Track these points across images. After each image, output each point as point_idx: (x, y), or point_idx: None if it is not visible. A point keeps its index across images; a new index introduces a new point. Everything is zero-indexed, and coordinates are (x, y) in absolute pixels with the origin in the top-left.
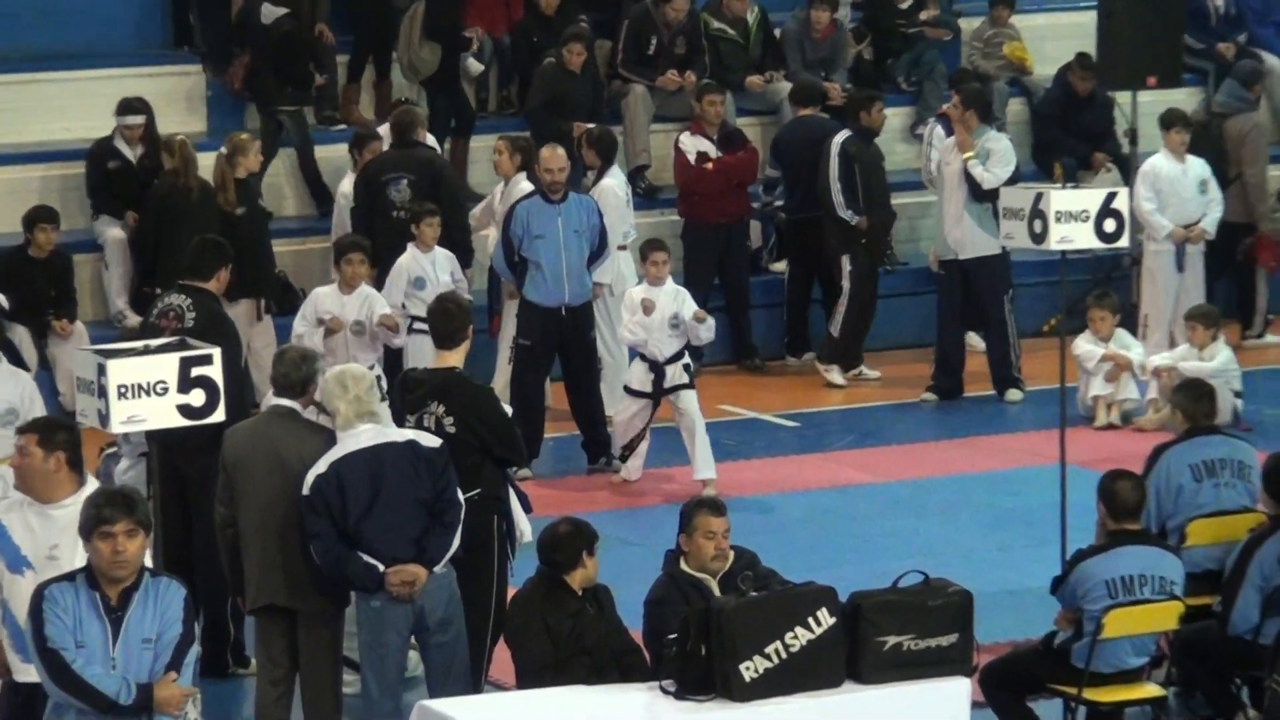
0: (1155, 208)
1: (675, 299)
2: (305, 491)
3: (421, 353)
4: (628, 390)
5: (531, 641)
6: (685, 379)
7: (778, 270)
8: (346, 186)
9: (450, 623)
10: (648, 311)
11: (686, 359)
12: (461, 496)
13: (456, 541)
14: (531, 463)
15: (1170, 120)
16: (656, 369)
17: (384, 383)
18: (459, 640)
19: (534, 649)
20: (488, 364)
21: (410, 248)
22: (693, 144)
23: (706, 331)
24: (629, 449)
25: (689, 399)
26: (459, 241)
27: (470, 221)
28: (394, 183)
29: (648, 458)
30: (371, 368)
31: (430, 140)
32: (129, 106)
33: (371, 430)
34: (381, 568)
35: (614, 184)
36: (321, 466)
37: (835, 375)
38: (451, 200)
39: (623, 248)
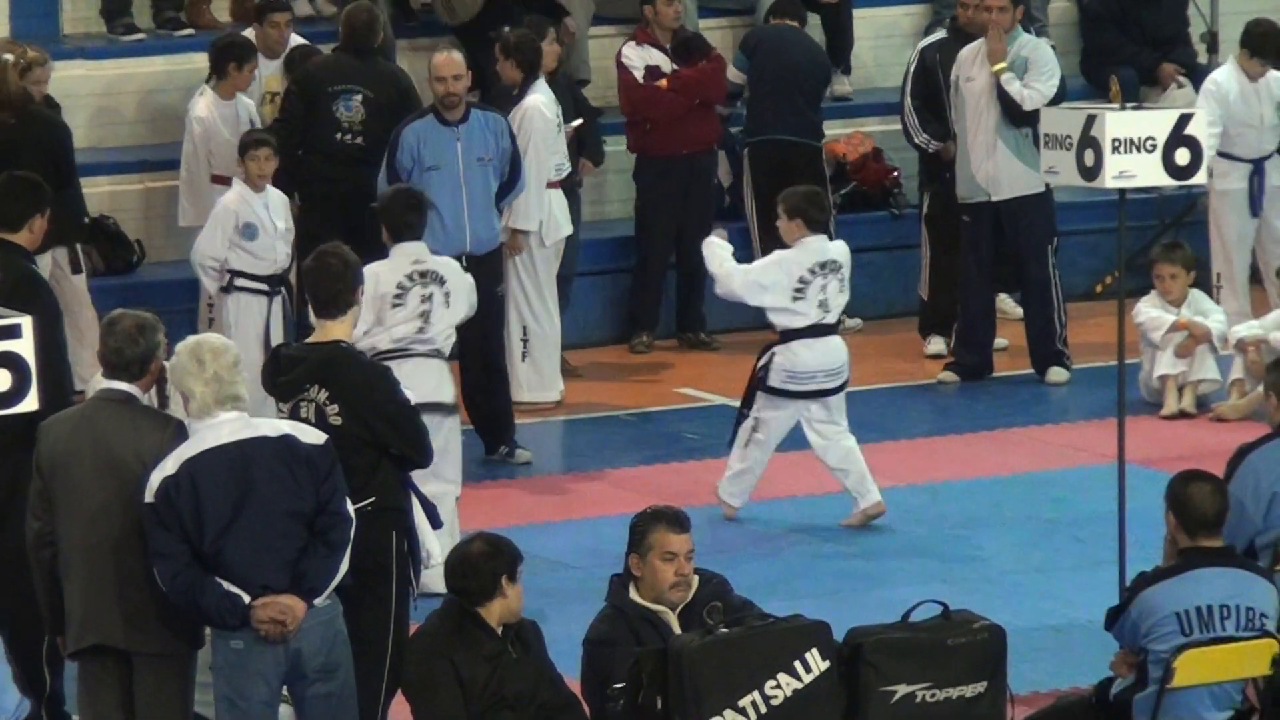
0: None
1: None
2: (148, 498)
3: (247, 318)
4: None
5: (438, 693)
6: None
7: None
8: (202, 109)
9: (334, 670)
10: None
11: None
12: (351, 508)
13: (344, 566)
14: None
15: (1257, 42)
16: None
17: None
18: (345, 691)
19: (441, 703)
20: None
21: (238, 185)
22: (639, 56)
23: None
24: None
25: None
26: None
27: None
28: (344, 97)
29: (580, 454)
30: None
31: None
32: None
33: (235, 421)
34: (246, 599)
35: (540, 102)
36: (170, 466)
37: (936, 345)
38: None
39: (555, 185)
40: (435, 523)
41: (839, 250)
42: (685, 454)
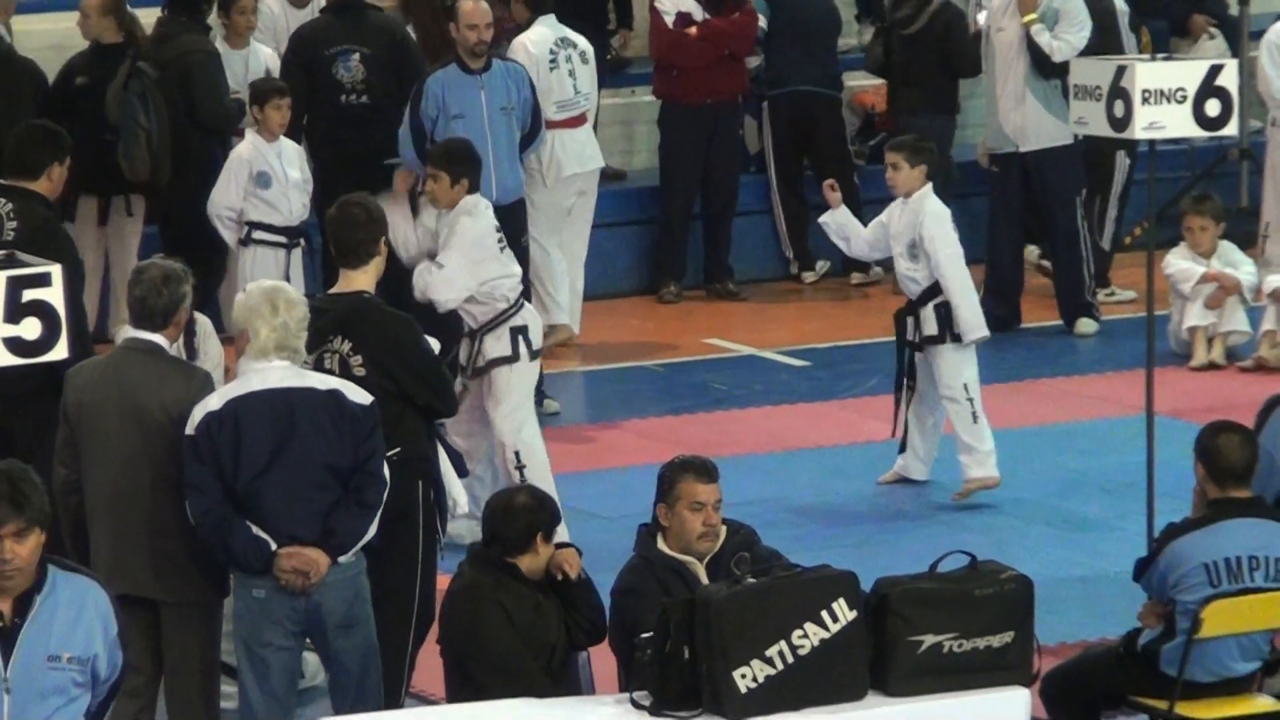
0: None
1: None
2: (189, 431)
3: (264, 271)
4: None
5: (493, 637)
6: (933, 328)
7: None
8: None
9: (353, 625)
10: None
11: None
12: (387, 472)
13: (374, 528)
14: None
15: None
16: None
17: None
18: (369, 645)
19: (498, 646)
20: None
21: (251, 136)
22: (671, 2)
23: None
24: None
25: (937, 358)
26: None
27: None
28: (342, 58)
29: (608, 404)
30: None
31: None
32: None
33: (285, 369)
34: (274, 545)
35: (528, 39)
36: (215, 402)
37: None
38: (416, 81)
39: (560, 124)
40: (461, 471)
41: None
42: (713, 404)
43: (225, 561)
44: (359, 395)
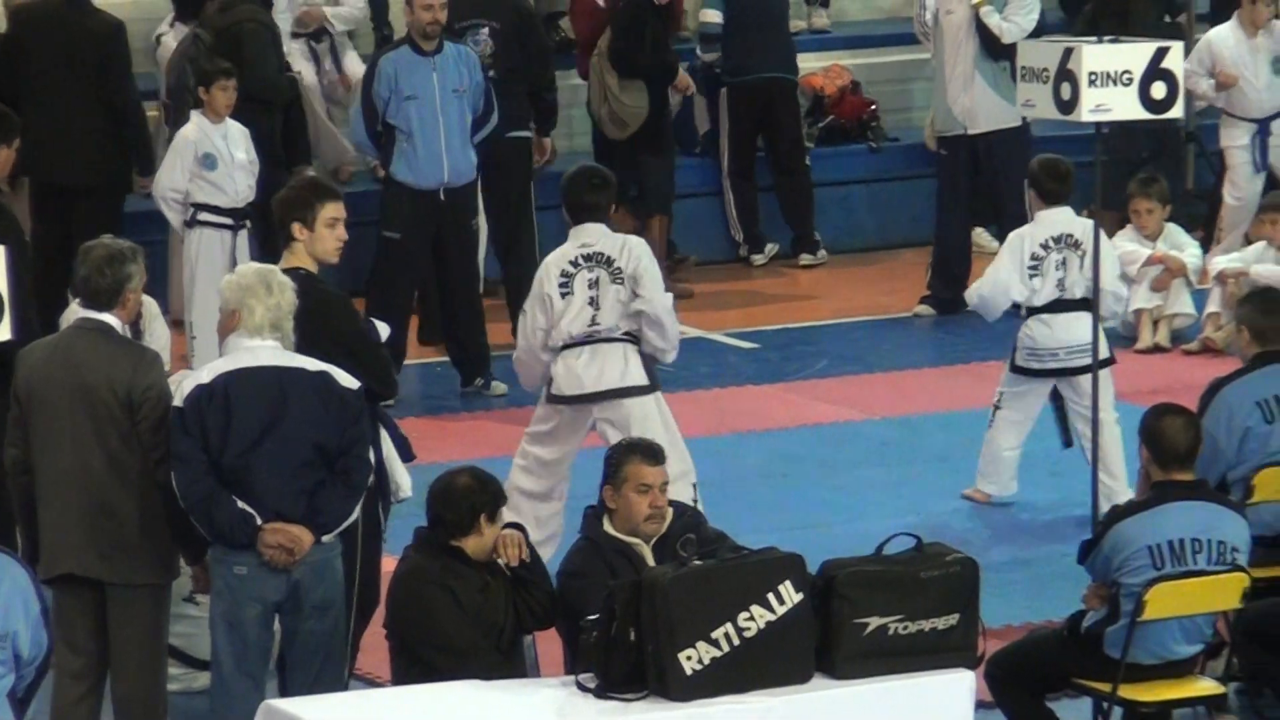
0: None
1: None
2: (177, 402)
3: (210, 252)
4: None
5: (441, 619)
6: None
7: None
8: (170, 36)
9: (328, 608)
10: None
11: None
12: (372, 456)
13: (357, 511)
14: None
15: None
16: None
17: None
18: (336, 631)
19: (448, 628)
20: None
21: (197, 117)
22: None
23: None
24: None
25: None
26: (547, 105)
27: None
28: (472, 32)
29: None
30: None
31: None
32: None
33: (273, 349)
34: (259, 520)
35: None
36: (205, 376)
37: None
38: (541, 55)
39: None
40: (405, 455)
41: (1081, 226)
42: (662, 386)
43: (209, 534)
44: (347, 380)
